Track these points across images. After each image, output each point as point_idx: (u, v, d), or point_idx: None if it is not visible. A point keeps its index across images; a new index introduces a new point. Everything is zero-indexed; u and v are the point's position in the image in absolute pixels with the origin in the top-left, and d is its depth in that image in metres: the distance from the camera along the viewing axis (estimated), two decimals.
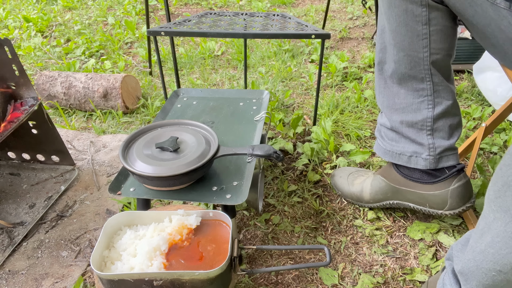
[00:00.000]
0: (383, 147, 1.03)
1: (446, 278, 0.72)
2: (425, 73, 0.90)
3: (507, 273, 0.54)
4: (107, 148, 1.41)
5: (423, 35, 0.85)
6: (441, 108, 0.93)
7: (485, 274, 0.58)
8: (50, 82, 1.63)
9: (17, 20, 2.68)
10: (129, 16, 2.71)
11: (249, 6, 2.82)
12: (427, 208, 0.99)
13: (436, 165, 0.95)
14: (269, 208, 1.15)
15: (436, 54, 0.88)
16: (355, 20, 2.51)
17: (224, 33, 1.24)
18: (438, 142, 0.94)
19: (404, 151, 0.98)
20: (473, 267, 0.60)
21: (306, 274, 0.96)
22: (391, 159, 1.02)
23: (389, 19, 0.88)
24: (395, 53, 0.90)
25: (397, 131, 0.99)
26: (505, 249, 0.53)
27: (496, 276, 0.56)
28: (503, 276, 0.55)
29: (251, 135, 1.04)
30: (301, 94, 1.72)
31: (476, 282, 0.61)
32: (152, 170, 0.82)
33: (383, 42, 0.94)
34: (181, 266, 0.69)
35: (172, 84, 1.83)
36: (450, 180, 0.95)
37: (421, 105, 0.93)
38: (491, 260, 0.56)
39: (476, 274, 0.60)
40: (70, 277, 0.97)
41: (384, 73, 0.97)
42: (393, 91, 0.96)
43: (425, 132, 0.95)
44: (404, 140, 0.98)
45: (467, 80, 1.72)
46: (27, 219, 1.12)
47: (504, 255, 0.53)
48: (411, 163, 0.98)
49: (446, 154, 0.95)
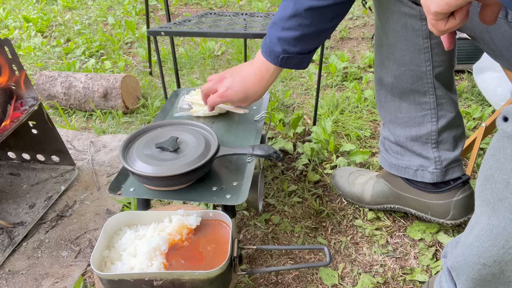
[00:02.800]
0: (388, 161, 1.03)
1: (443, 276, 0.73)
2: (428, 87, 0.89)
3: (491, 266, 0.54)
4: (107, 148, 1.41)
5: (425, 49, 0.85)
6: (445, 121, 0.92)
7: (472, 268, 0.58)
8: (50, 82, 1.63)
9: (17, 20, 2.68)
10: (129, 16, 2.71)
11: (249, 6, 2.82)
12: (429, 216, 0.99)
13: (443, 178, 0.95)
14: (269, 208, 1.15)
15: (439, 67, 0.87)
16: (355, 20, 2.51)
17: (224, 33, 1.24)
18: (444, 155, 0.94)
19: (410, 165, 0.98)
20: (462, 261, 0.61)
21: (306, 274, 0.96)
22: (397, 173, 1.01)
23: (387, 34, 0.87)
24: (395, 68, 0.90)
25: (402, 145, 0.98)
26: (488, 241, 0.53)
27: (482, 269, 0.56)
28: (488, 269, 0.55)
29: (251, 135, 1.04)
30: (301, 94, 1.72)
31: (465, 277, 0.61)
32: (152, 170, 0.82)
33: (380, 57, 0.93)
34: (181, 266, 0.69)
35: (172, 84, 1.83)
36: (455, 191, 0.95)
37: (424, 118, 0.93)
38: (476, 253, 0.56)
39: (464, 268, 0.61)
40: (70, 277, 0.97)
41: (384, 88, 0.96)
42: (395, 105, 0.96)
43: (430, 145, 0.94)
44: (410, 154, 0.98)
45: (467, 80, 1.72)
46: (27, 219, 1.12)
47: (486, 248, 0.54)
48: (417, 177, 0.98)
49: (452, 166, 0.95)
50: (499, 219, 0.51)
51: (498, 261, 0.53)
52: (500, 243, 0.52)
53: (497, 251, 0.52)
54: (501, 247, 0.52)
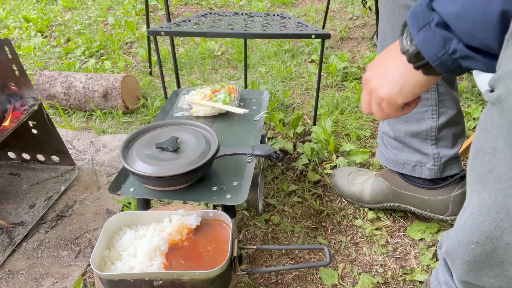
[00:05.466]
0: (387, 156, 1.03)
1: (439, 267, 0.73)
2: None
3: (484, 244, 0.53)
4: (107, 148, 1.41)
5: None
6: (446, 118, 0.92)
7: (466, 248, 0.57)
8: (50, 82, 1.63)
9: (17, 20, 2.68)
10: (129, 16, 2.71)
11: (249, 6, 2.82)
12: (428, 212, 0.99)
13: (441, 174, 0.95)
14: (269, 208, 1.15)
15: None
16: (355, 20, 2.51)
17: (224, 33, 1.24)
18: (443, 152, 0.94)
19: (408, 161, 0.98)
20: (456, 243, 0.60)
21: (306, 274, 0.96)
22: (394, 168, 1.01)
23: (392, 27, 0.87)
24: None
25: (401, 141, 0.99)
26: (480, 217, 0.52)
27: (475, 249, 0.55)
28: (481, 248, 0.54)
29: (251, 135, 1.04)
30: (301, 94, 1.72)
31: (460, 260, 0.60)
32: (152, 170, 0.82)
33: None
34: (181, 266, 0.69)
35: (172, 84, 1.83)
36: (453, 186, 0.95)
37: (424, 114, 0.93)
38: (469, 232, 0.56)
39: (458, 251, 0.60)
40: (70, 277, 0.97)
41: None
42: None
43: (429, 142, 0.94)
44: (408, 150, 0.98)
45: (467, 80, 1.72)
46: (27, 219, 1.12)
47: (479, 224, 0.53)
48: (415, 173, 0.98)
49: (450, 163, 0.95)
50: (489, 192, 0.50)
51: (490, 237, 0.52)
52: (492, 216, 0.50)
53: (488, 225, 0.51)
54: (493, 221, 0.50)
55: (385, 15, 0.89)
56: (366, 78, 0.63)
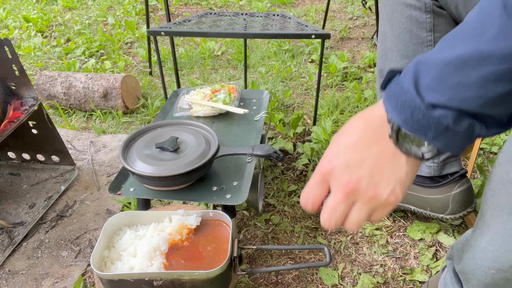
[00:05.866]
0: None
1: (448, 278, 0.72)
2: None
3: (506, 271, 0.54)
4: (107, 148, 1.41)
5: (428, 42, 0.85)
6: None
7: (485, 272, 0.58)
8: (50, 82, 1.63)
9: (17, 20, 2.68)
10: (129, 16, 2.70)
11: (249, 6, 2.82)
12: (428, 211, 0.99)
13: (440, 172, 0.95)
14: (269, 208, 1.15)
15: None
16: (355, 20, 2.51)
17: (224, 33, 1.24)
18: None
19: None
20: (473, 265, 0.60)
21: (306, 274, 0.96)
22: None
23: (391, 25, 0.88)
24: (398, 60, 0.90)
25: None
26: (504, 246, 0.53)
27: (496, 274, 0.56)
28: (502, 274, 0.55)
29: (251, 135, 1.04)
30: (301, 94, 1.72)
31: (477, 281, 0.61)
32: (152, 170, 0.82)
33: (384, 48, 0.93)
34: (181, 266, 0.69)
35: (172, 84, 1.83)
36: (452, 185, 0.95)
37: None
38: (490, 258, 0.56)
39: (476, 272, 0.60)
40: (70, 277, 0.97)
41: None
42: None
43: None
44: None
45: None
46: (27, 219, 1.12)
47: (503, 252, 0.53)
48: None
49: (449, 161, 0.95)
50: None
51: None
52: None
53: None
54: None
55: (385, 13, 0.89)
56: (347, 184, 0.46)
